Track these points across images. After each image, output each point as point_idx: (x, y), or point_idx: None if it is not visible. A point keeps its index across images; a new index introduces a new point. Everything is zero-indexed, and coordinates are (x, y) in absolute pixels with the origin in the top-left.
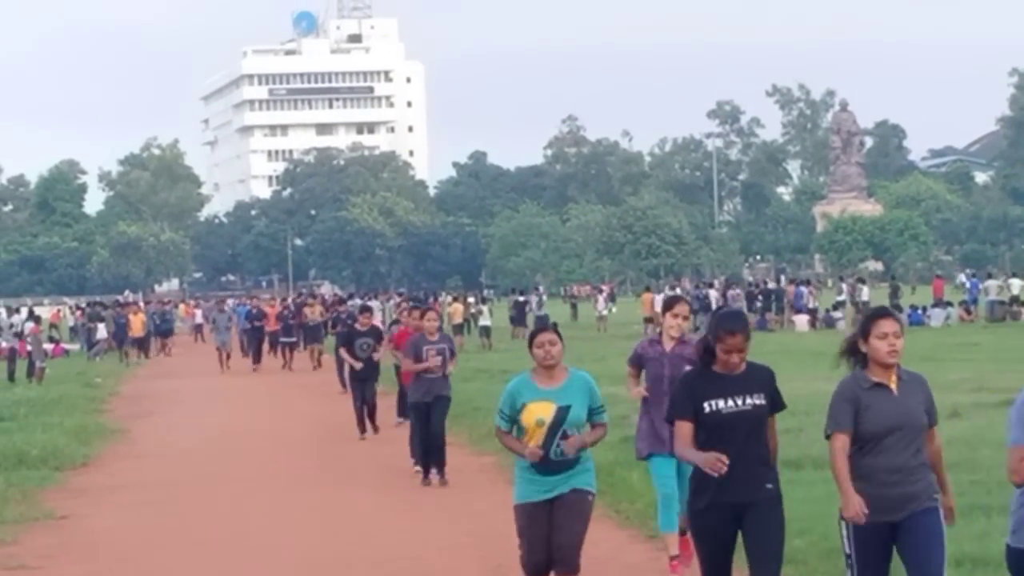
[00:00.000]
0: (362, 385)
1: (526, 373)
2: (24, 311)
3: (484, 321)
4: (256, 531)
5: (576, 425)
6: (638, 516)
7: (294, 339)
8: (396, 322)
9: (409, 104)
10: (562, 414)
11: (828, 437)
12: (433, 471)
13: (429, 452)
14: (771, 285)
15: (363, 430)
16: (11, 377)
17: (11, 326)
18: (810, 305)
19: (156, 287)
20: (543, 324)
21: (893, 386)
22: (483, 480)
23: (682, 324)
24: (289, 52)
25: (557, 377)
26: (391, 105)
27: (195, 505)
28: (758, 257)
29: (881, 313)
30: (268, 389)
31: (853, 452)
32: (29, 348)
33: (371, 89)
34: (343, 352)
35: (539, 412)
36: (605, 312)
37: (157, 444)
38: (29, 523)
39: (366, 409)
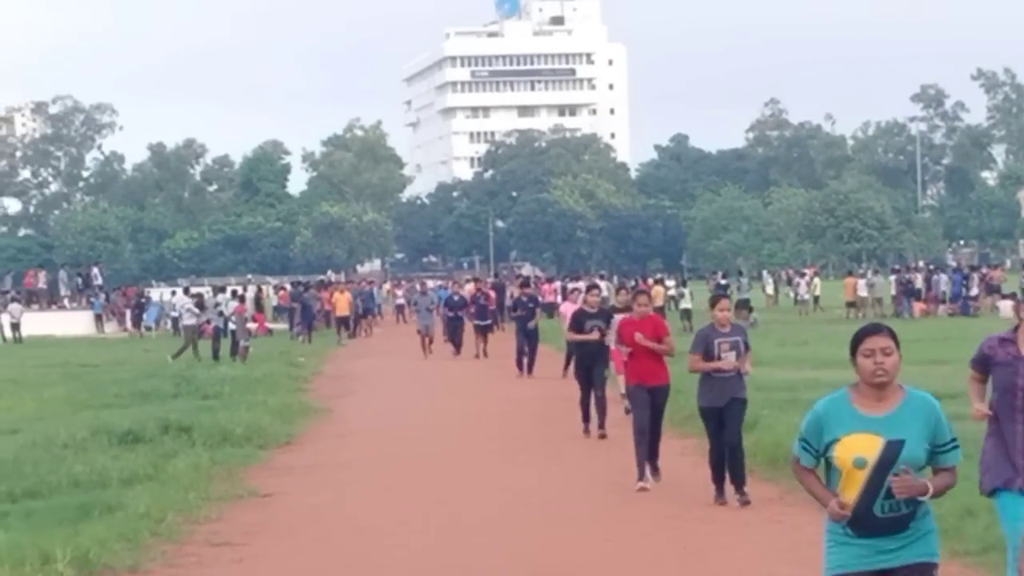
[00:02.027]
0: (588, 373)
1: (844, 391)
2: (229, 291)
3: (685, 304)
4: (461, 513)
5: (912, 467)
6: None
7: (488, 322)
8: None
9: (611, 86)
10: (892, 452)
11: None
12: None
13: (721, 466)
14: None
15: (588, 429)
16: (215, 356)
17: (216, 305)
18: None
19: (358, 267)
20: (874, 327)
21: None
22: (685, 464)
23: None
24: (491, 34)
25: (889, 399)
26: (593, 87)
27: (399, 485)
28: (962, 242)
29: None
30: (473, 372)
31: None
32: (233, 327)
33: (573, 71)
34: (571, 335)
35: (859, 448)
36: (807, 296)
37: (360, 424)
38: (233, 500)
39: (594, 402)
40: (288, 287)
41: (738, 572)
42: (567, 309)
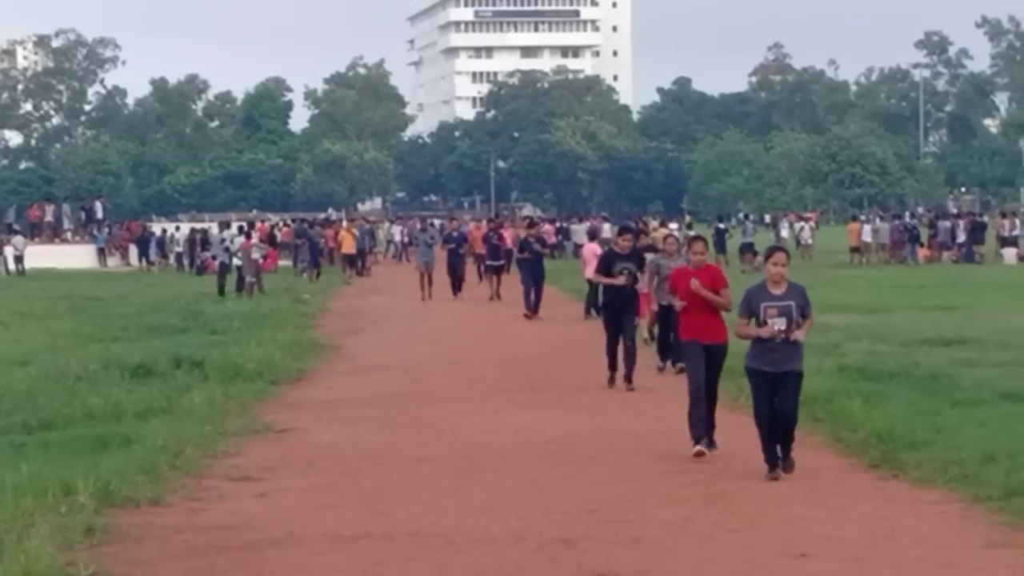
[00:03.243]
0: (617, 319)
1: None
2: (235, 226)
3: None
4: (476, 449)
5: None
6: (858, 445)
7: (502, 262)
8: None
9: (614, 29)
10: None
11: None
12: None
13: (775, 433)
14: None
15: (613, 378)
16: (221, 291)
17: (222, 240)
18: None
19: (359, 205)
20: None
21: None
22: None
23: None
24: None
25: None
26: (596, 29)
27: (414, 422)
28: (963, 189)
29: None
30: (482, 312)
31: None
32: (239, 263)
33: (577, 13)
34: (597, 277)
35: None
36: (811, 240)
37: (371, 361)
38: (250, 435)
39: (623, 352)
40: (292, 224)
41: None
42: (590, 250)
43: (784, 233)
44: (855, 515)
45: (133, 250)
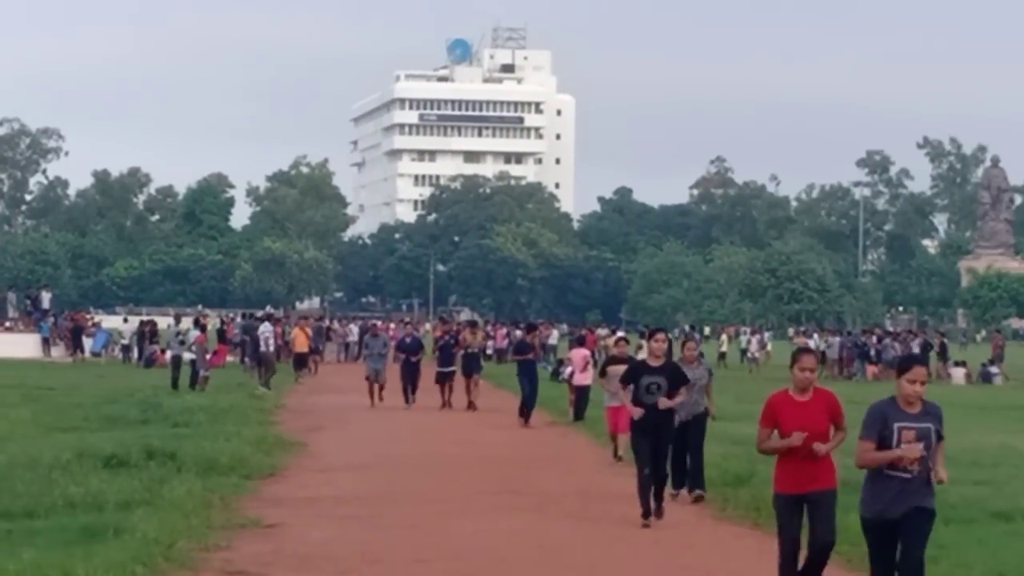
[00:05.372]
0: (654, 439)
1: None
2: (188, 320)
3: (643, 356)
4: (471, 552)
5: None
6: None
7: (453, 368)
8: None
9: (558, 136)
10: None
11: None
12: None
13: None
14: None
15: (647, 513)
16: (174, 385)
17: (177, 334)
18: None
19: (297, 304)
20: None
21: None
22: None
23: None
24: (442, 78)
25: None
26: (540, 136)
27: (401, 523)
28: (901, 308)
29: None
30: (436, 414)
31: None
32: (193, 357)
33: (521, 119)
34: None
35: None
36: (758, 355)
37: (339, 459)
38: (237, 529)
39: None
40: (239, 319)
41: None
42: (580, 355)
43: (724, 347)
44: None
45: (87, 341)
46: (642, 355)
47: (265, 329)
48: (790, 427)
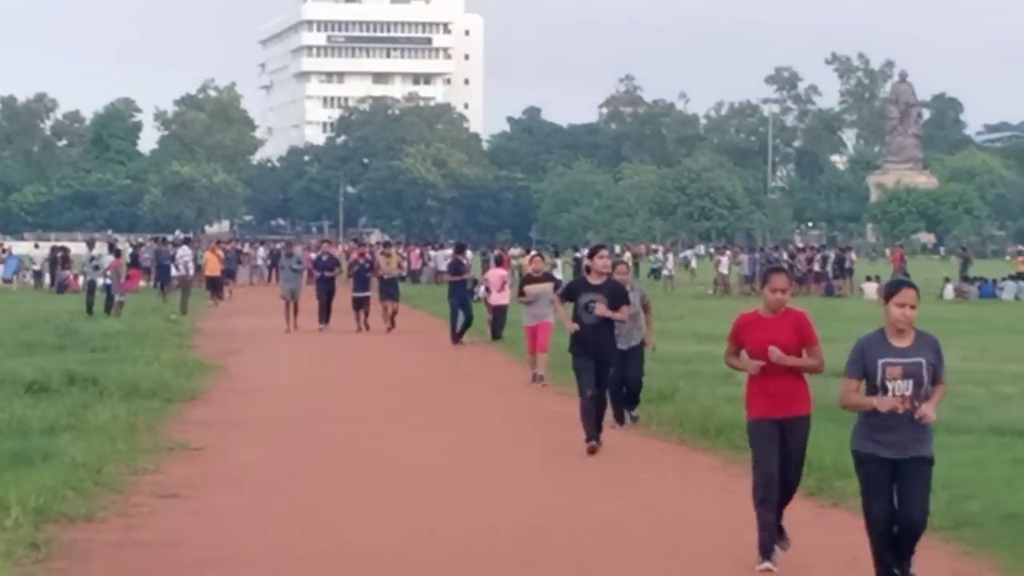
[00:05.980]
0: (597, 366)
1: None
2: (103, 245)
3: (557, 275)
4: (401, 470)
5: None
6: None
7: (368, 294)
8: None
9: (466, 57)
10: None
11: None
12: None
13: (896, 541)
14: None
15: (591, 436)
16: (90, 310)
17: (92, 259)
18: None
19: (207, 228)
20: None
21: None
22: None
23: None
24: (349, 0)
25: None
26: (448, 57)
27: (329, 443)
28: (810, 224)
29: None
30: (353, 336)
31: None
32: (108, 282)
33: (429, 40)
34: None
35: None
36: (672, 272)
37: (259, 381)
38: (165, 453)
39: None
40: (149, 243)
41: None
42: (496, 275)
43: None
44: None
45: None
46: (558, 273)
47: (184, 253)
48: (753, 345)
